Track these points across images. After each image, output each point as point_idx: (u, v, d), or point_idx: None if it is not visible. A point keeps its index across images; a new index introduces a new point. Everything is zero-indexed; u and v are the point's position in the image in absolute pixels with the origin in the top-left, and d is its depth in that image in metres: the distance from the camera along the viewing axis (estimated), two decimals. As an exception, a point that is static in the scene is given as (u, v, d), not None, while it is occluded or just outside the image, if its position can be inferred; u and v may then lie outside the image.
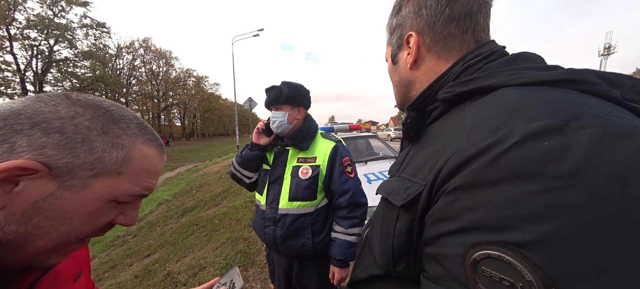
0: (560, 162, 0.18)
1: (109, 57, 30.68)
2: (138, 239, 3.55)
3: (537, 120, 0.20)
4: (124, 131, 0.28)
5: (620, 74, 0.25)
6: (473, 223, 0.21)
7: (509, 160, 0.20)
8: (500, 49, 0.34)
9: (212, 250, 2.51)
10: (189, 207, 4.57)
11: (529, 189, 0.18)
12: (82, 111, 0.26)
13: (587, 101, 0.22)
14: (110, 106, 0.28)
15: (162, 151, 0.32)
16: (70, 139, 0.24)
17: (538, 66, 0.28)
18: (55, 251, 0.26)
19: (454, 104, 0.32)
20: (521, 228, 0.18)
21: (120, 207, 0.29)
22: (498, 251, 0.19)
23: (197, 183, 6.92)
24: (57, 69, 21.36)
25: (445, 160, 0.25)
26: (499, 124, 0.22)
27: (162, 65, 42.74)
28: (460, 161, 0.23)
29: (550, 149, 0.18)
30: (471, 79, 0.30)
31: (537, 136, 0.19)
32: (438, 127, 0.34)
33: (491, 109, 0.25)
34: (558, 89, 0.24)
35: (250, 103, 11.38)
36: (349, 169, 0.99)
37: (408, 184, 0.31)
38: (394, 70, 0.43)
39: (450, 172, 0.24)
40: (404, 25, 0.39)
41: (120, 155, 0.27)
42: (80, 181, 0.24)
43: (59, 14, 21.77)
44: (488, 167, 0.20)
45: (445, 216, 0.24)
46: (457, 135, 0.26)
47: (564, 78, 0.24)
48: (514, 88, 0.26)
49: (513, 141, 0.20)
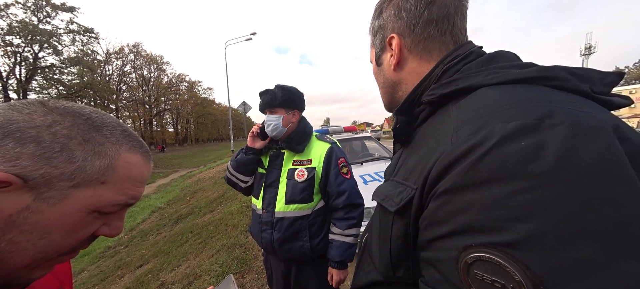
0: (537, 161, 0.18)
1: (98, 63, 29.95)
2: (130, 250, 3.44)
3: (513, 120, 0.21)
4: (107, 138, 0.27)
5: (589, 69, 0.26)
6: (462, 226, 0.21)
7: (490, 161, 0.20)
8: (477, 49, 0.35)
9: (208, 258, 2.46)
10: (183, 214, 4.47)
11: (511, 189, 0.19)
12: (61, 118, 0.24)
13: (558, 97, 0.23)
14: (91, 113, 0.27)
15: (149, 158, 0.31)
16: (47, 148, 0.22)
17: (513, 64, 0.29)
18: (35, 267, 0.24)
19: (439, 105, 0.33)
20: (507, 228, 0.18)
21: (104, 218, 0.28)
22: (488, 253, 0.19)
23: (192, 189, 6.78)
24: (42, 76, 20.68)
25: (432, 163, 0.26)
26: (479, 126, 0.23)
27: (153, 70, 42.04)
28: (446, 163, 0.24)
29: (527, 148, 0.19)
30: (452, 80, 0.31)
31: (514, 136, 0.20)
32: (426, 129, 0.35)
33: (472, 110, 0.26)
34: (532, 86, 0.25)
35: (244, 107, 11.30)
36: (345, 171, 0.99)
37: (401, 189, 0.32)
38: (378, 72, 0.44)
39: (438, 175, 0.24)
40: (385, 27, 0.39)
41: (103, 163, 0.26)
42: (59, 192, 0.23)
43: (44, 20, 21.15)
44: (472, 170, 0.21)
45: (436, 220, 0.24)
46: (443, 137, 0.27)
47: (537, 75, 0.25)
48: (492, 87, 0.27)
49: (492, 142, 0.21)
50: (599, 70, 0.26)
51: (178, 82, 47.49)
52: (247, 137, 1.06)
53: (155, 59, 41.76)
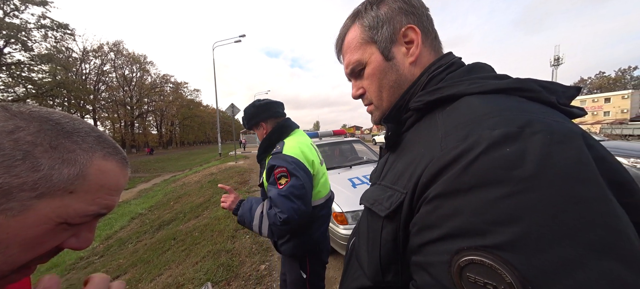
0: (520, 167, 0.20)
1: (73, 61, 28.08)
2: (106, 260, 3.22)
3: (497, 128, 0.23)
4: (78, 145, 0.25)
5: (554, 83, 0.29)
6: (454, 230, 0.22)
7: (478, 167, 0.22)
8: (458, 60, 0.37)
9: (192, 265, 2.36)
10: (166, 220, 4.26)
11: (497, 193, 0.20)
12: (25, 124, 0.23)
13: (533, 107, 0.25)
14: (61, 118, 0.26)
15: (125, 165, 0.30)
16: (7, 156, 0.21)
17: (490, 75, 0.32)
18: None
19: (425, 112, 0.35)
20: (495, 231, 0.19)
21: (72, 230, 0.26)
22: (479, 255, 0.20)
23: (176, 194, 6.49)
24: (7, 74, 18.99)
25: (423, 168, 0.27)
26: (466, 133, 0.24)
27: (135, 70, 40.10)
28: (436, 169, 0.25)
29: (511, 155, 0.21)
30: (437, 88, 0.33)
31: (499, 142, 0.22)
32: (413, 134, 0.36)
33: (458, 117, 0.28)
34: (510, 96, 0.28)
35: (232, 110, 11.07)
36: (282, 181, 0.84)
37: (390, 193, 0.32)
38: (388, 69, 0.38)
39: (429, 181, 0.26)
40: (393, 18, 0.37)
41: (73, 172, 0.24)
42: (20, 203, 0.21)
43: (11, 13, 19.57)
44: (461, 175, 0.22)
45: (428, 224, 0.25)
46: (431, 143, 0.29)
47: (513, 86, 0.28)
48: (475, 96, 0.29)
49: (480, 149, 0.22)
50: (562, 84, 0.29)
51: (163, 83, 45.65)
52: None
53: (137, 58, 39.91)
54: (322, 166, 1.01)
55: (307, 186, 0.85)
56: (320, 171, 0.98)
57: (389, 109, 0.40)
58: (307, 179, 0.86)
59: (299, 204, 0.81)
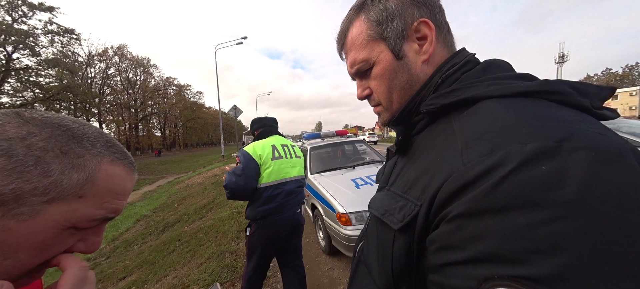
0: (560, 189, 0.18)
1: (79, 65, 28.58)
2: (112, 261, 3.26)
3: (530, 141, 0.20)
4: (88, 150, 0.26)
5: (586, 84, 0.26)
6: (481, 254, 0.20)
7: (509, 186, 0.19)
8: (473, 57, 0.34)
9: (197, 266, 2.37)
10: (171, 221, 4.30)
11: (535, 218, 0.18)
12: (37, 130, 0.23)
13: (566, 115, 0.22)
14: (71, 123, 0.26)
15: (133, 170, 0.31)
16: (19, 162, 0.21)
17: (510, 75, 0.29)
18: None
19: (438, 115, 0.32)
20: (533, 262, 0.17)
21: (80, 233, 0.26)
22: (513, 286, 0.18)
23: (180, 196, 6.55)
24: (16, 79, 19.42)
25: (440, 181, 0.25)
26: (492, 146, 0.22)
27: (139, 73, 40.59)
28: (458, 185, 0.22)
29: (548, 174, 0.18)
30: (452, 90, 0.30)
31: (533, 159, 0.19)
32: (425, 139, 0.33)
33: (479, 126, 0.25)
34: (536, 101, 0.25)
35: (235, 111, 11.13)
36: (236, 163, 1.34)
37: (402, 203, 0.30)
38: (399, 68, 0.35)
39: (449, 197, 0.23)
40: (404, 11, 0.34)
41: (82, 176, 0.24)
42: (31, 208, 0.22)
43: (20, 19, 20.02)
44: (490, 194, 0.20)
45: (449, 245, 0.23)
46: (449, 153, 0.26)
47: (540, 89, 0.25)
48: (495, 100, 0.26)
49: (511, 166, 0.20)
50: (595, 85, 0.26)
51: (166, 85, 46.13)
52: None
53: (141, 61, 40.41)
54: (272, 161, 1.31)
55: (246, 169, 1.24)
56: (268, 163, 1.30)
57: (399, 111, 0.36)
58: (249, 164, 1.25)
59: (235, 178, 1.23)
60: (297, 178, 1.39)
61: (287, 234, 1.34)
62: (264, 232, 1.27)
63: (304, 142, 3.77)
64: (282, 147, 1.40)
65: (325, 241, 2.32)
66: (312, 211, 2.62)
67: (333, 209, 2.00)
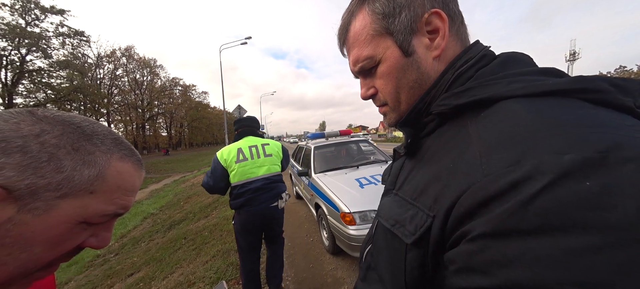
0: (614, 209, 0.15)
1: (88, 66, 29.31)
2: (120, 258, 3.34)
3: (567, 152, 0.17)
4: (98, 147, 0.26)
5: (628, 79, 0.23)
6: (513, 283, 0.17)
7: (545, 205, 0.16)
8: (488, 51, 0.31)
9: (202, 264, 2.41)
10: (177, 220, 4.38)
11: (583, 243, 0.15)
12: (50, 127, 0.24)
13: (608, 118, 0.19)
14: (82, 121, 0.27)
15: (140, 167, 0.31)
16: (34, 158, 0.22)
17: (534, 70, 0.26)
18: (12, 283, 0.23)
19: (450, 117, 0.29)
20: None
21: (92, 229, 0.27)
22: None
23: (185, 194, 6.65)
24: (29, 80, 20.07)
25: (457, 192, 0.22)
26: (518, 156, 0.19)
27: (146, 74, 41.37)
28: (479, 199, 0.20)
29: (595, 192, 0.15)
30: (466, 89, 0.27)
31: (575, 173, 0.16)
32: (436, 142, 0.31)
33: (501, 130, 0.22)
34: (568, 100, 0.22)
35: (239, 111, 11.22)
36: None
37: (412, 212, 0.28)
38: (408, 66, 0.32)
39: (469, 212, 0.21)
40: (413, 2, 0.30)
41: (93, 173, 0.25)
42: (45, 203, 0.22)
43: (32, 22, 20.66)
44: (519, 213, 0.17)
45: (473, 268, 0.20)
46: (465, 160, 0.23)
47: (573, 87, 0.22)
48: (518, 101, 0.23)
49: (546, 181, 0.17)
50: (638, 80, 0.23)
51: (172, 86, 46.86)
52: None
53: (148, 62, 41.17)
54: (236, 165, 1.48)
55: (214, 172, 1.49)
56: (232, 166, 1.48)
57: (407, 112, 0.34)
58: (216, 168, 1.49)
59: (207, 178, 1.52)
60: (265, 177, 1.54)
61: (261, 223, 1.55)
62: (240, 220, 1.52)
63: (308, 142, 3.77)
64: (249, 149, 1.54)
65: (329, 241, 2.32)
66: (316, 211, 2.62)
67: (337, 209, 1.99)
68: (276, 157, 1.64)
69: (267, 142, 1.66)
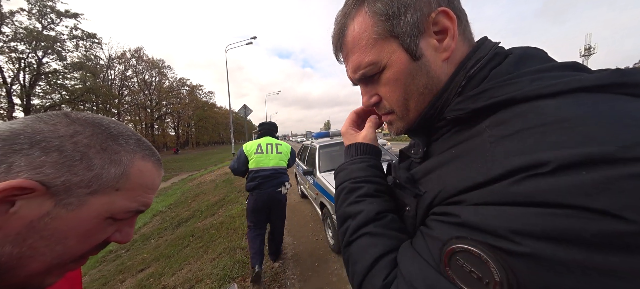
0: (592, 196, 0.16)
1: (100, 68, 30.28)
2: (131, 253, 3.43)
3: (587, 145, 0.17)
4: (122, 147, 0.28)
5: None
6: (469, 222, 0.20)
7: (528, 188, 0.18)
8: (499, 48, 0.29)
9: (209, 261, 2.45)
10: (185, 217, 4.47)
11: (535, 211, 0.17)
12: (82, 128, 0.26)
13: None
14: (109, 123, 0.29)
15: (160, 166, 0.32)
16: (68, 157, 0.24)
17: (554, 66, 0.25)
18: (49, 273, 0.25)
19: (465, 120, 0.28)
20: (512, 239, 0.18)
21: (116, 225, 0.28)
22: (479, 249, 0.19)
23: (193, 193, 6.78)
24: (46, 82, 20.92)
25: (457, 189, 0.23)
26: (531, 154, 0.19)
27: (154, 74, 42.42)
28: (470, 185, 0.22)
29: (586, 181, 0.17)
30: (482, 91, 0.26)
31: (575, 166, 0.17)
32: (444, 146, 0.30)
33: (523, 136, 0.20)
34: (605, 96, 0.20)
35: (245, 110, 11.34)
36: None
37: None
38: (417, 71, 0.29)
39: (459, 191, 0.23)
40: (418, 1, 0.28)
41: (118, 171, 0.27)
42: (78, 198, 0.24)
43: (49, 26, 21.48)
44: (502, 190, 0.19)
45: (447, 212, 0.23)
46: (479, 172, 0.22)
47: (611, 82, 0.20)
48: (550, 100, 0.21)
49: (545, 170, 0.18)
50: None
51: (179, 86, 47.88)
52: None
53: (156, 63, 42.18)
54: (255, 155, 2.00)
55: (239, 158, 2.03)
56: (252, 156, 2.00)
57: (417, 119, 0.32)
58: (241, 155, 2.03)
59: (233, 162, 2.06)
60: (273, 168, 2.03)
61: (266, 204, 2.01)
62: (251, 200, 2.01)
63: (313, 141, 3.76)
64: (266, 145, 2.07)
65: (334, 240, 2.32)
66: (321, 210, 2.62)
67: (342, 209, 1.98)
68: (285, 155, 2.13)
69: (280, 143, 2.14)
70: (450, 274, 0.21)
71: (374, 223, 0.32)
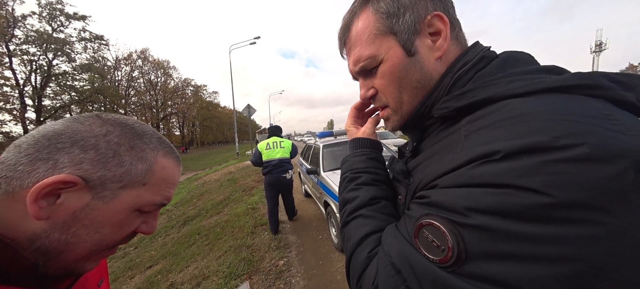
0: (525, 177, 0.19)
1: (108, 69, 30.91)
2: (139, 251, 3.52)
3: (530, 137, 0.20)
4: (147, 145, 0.30)
5: (631, 75, 0.24)
6: (436, 202, 0.24)
7: (480, 172, 0.22)
8: (487, 52, 0.32)
9: (215, 259, 2.50)
10: (191, 216, 4.55)
11: (482, 191, 0.21)
12: (113, 128, 0.28)
13: (592, 109, 0.21)
14: (134, 123, 0.31)
15: (179, 163, 0.35)
16: (103, 154, 0.27)
17: (535, 69, 0.27)
18: (89, 258, 0.28)
19: (451, 118, 0.31)
20: (467, 215, 0.21)
21: (143, 217, 0.31)
22: (439, 222, 0.23)
23: (198, 192, 6.89)
24: (56, 83, 21.47)
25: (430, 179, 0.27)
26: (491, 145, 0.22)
27: (160, 75, 43.03)
28: (437, 174, 0.26)
29: (523, 165, 0.20)
30: (465, 91, 0.28)
31: (517, 153, 0.20)
32: (433, 143, 0.33)
33: (489, 129, 0.23)
34: (568, 95, 0.22)
35: (249, 110, 11.41)
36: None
37: None
38: (411, 66, 0.32)
39: (431, 181, 0.27)
40: (417, 3, 0.31)
41: (144, 167, 0.29)
42: (111, 192, 0.27)
43: (58, 28, 22.02)
44: (458, 176, 0.23)
45: (423, 195, 0.27)
46: (451, 161, 0.25)
47: (573, 83, 0.23)
48: (519, 100, 0.24)
49: (495, 158, 0.21)
50: (638, 76, 0.24)
51: (184, 86, 48.45)
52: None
53: (162, 64, 42.76)
54: (265, 150, 2.95)
55: (255, 154, 3.03)
56: (263, 151, 2.95)
57: (410, 114, 0.35)
58: (257, 152, 3.02)
59: (252, 159, 3.09)
60: (279, 158, 2.93)
61: (275, 184, 2.89)
62: (266, 181, 2.93)
63: (317, 140, 3.78)
64: (273, 143, 3.01)
65: (338, 238, 2.33)
66: (325, 209, 2.64)
67: (346, 208, 2.00)
68: (287, 149, 3.04)
69: (283, 141, 3.07)
70: (418, 245, 0.25)
71: (367, 207, 0.36)
